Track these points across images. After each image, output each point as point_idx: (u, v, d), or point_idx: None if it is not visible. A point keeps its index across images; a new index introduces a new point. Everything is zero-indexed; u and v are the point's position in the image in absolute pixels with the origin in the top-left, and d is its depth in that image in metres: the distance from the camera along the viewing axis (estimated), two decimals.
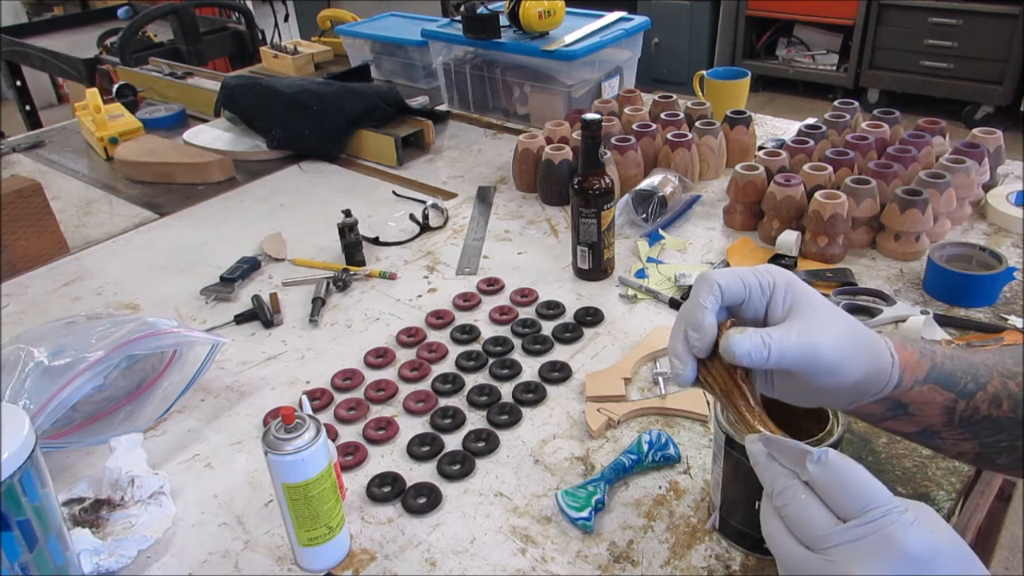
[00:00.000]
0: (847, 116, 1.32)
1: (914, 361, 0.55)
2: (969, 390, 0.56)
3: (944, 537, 0.43)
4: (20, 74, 2.74)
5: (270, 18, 2.95)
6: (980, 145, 1.17)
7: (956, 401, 0.56)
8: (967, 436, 0.57)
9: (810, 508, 0.44)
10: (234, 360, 0.96)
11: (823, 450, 0.45)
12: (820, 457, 0.45)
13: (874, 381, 0.54)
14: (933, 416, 0.56)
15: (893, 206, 1.05)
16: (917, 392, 0.55)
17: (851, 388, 0.54)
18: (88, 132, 1.61)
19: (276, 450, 0.62)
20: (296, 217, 1.30)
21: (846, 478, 0.44)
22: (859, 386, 0.54)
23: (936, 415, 0.56)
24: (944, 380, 0.56)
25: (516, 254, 1.16)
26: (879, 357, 0.54)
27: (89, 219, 1.35)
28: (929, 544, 0.42)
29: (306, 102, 1.48)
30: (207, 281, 1.11)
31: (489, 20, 1.54)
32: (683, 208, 1.23)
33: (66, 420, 0.81)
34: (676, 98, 1.47)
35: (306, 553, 0.67)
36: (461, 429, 0.82)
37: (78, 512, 0.72)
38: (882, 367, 0.54)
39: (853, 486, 0.44)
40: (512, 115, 1.67)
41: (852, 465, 0.45)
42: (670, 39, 4.30)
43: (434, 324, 1.00)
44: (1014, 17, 3.45)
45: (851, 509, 0.43)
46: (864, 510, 0.43)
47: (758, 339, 0.51)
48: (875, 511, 0.42)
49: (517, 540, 0.69)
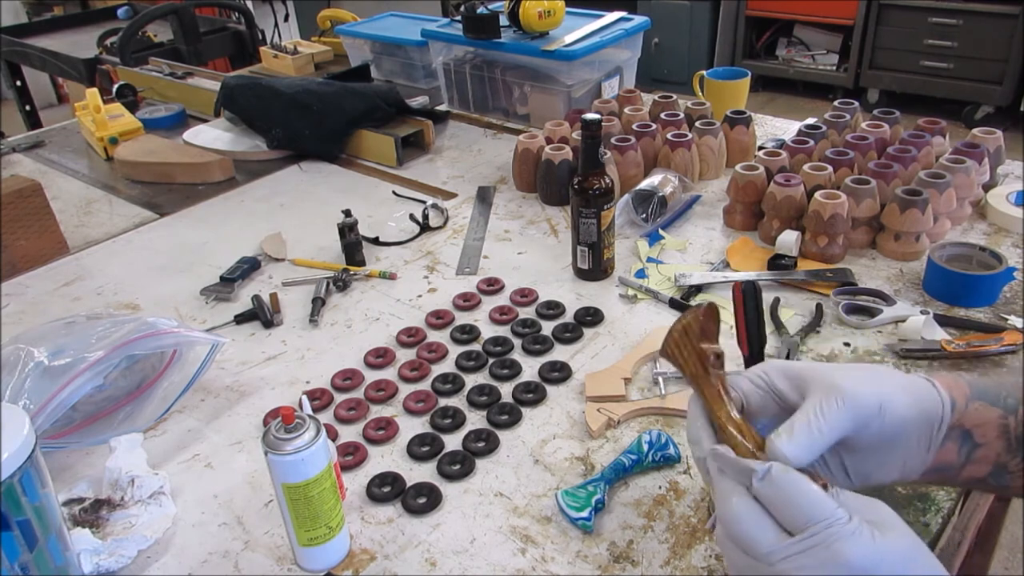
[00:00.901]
0: (847, 116, 1.32)
1: (952, 380, 0.54)
2: (1011, 405, 0.55)
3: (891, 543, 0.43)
4: (20, 74, 2.75)
5: (270, 18, 2.95)
6: (980, 145, 1.17)
7: (1006, 417, 0.54)
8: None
9: (757, 523, 0.45)
10: (234, 360, 0.96)
11: (766, 467, 0.45)
12: (764, 474, 0.45)
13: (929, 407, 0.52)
14: (994, 441, 0.54)
15: (893, 206, 1.05)
16: (974, 412, 0.54)
17: (915, 425, 0.52)
18: (88, 132, 1.61)
19: (276, 450, 0.62)
20: (296, 217, 1.30)
21: (791, 492, 0.44)
22: (919, 420, 0.52)
23: (996, 438, 0.54)
24: (987, 395, 0.55)
25: (516, 254, 1.16)
26: (914, 381, 0.53)
27: (89, 219, 1.35)
28: (871, 552, 0.42)
29: (306, 102, 1.48)
30: (207, 281, 1.11)
31: (489, 20, 1.54)
32: (683, 208, 1.23)
33: (66, 420, 0.81)
34: (676, 98, 1.47)
35: (306, 553, 0.67)
36: (461, 429, 0.82)
37: (78, 512, 0.72)
38: (925, 389, 0.53)
39: (797, 500, 0.44)
40: (512, 115, 1.67)
41: (797, 479, 0.45)
42: (670, 39, 4.30)
43: (434, 324, 1.00)
44: (1014, 17, 3.46)
45: (797, 523, 0.44)
46: (808, 523, 0.43)
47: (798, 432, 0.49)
48: (818, 524, 0.43)
49: (517, 540, 0.69)
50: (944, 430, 0.53)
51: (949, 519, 0.71)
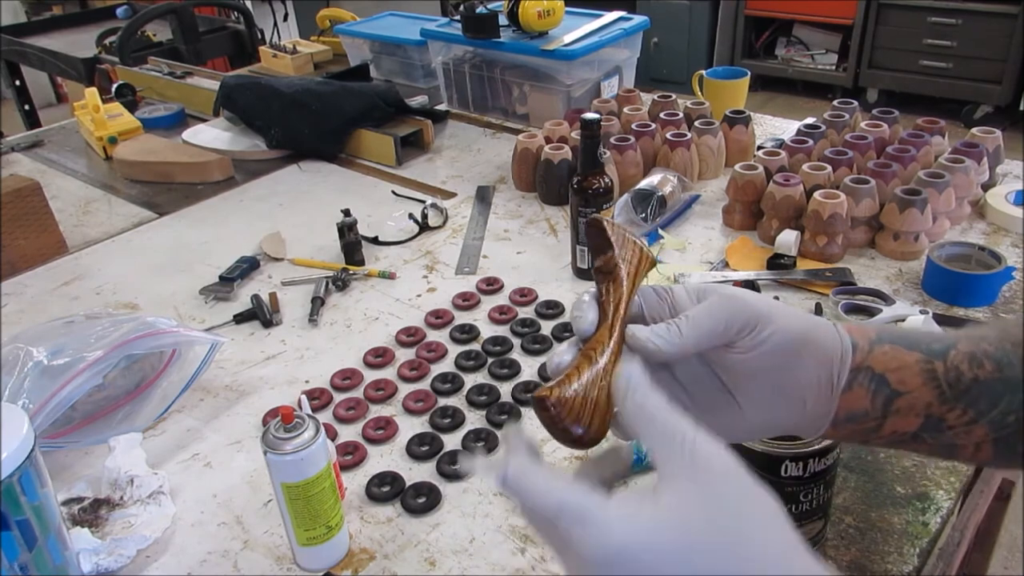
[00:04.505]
0: (846, 116, 1.32)
1: (852, 326, 0.51)
2: (936, 350, 0.51)
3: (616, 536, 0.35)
4: (19, 73, 2.74)
5: (269, 17, 2.94)
6: (979, 145, 1.18)
7: (931, 362, 0.50)
8: (970, 414, 0.50)
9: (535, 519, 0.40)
10: (233, 360, 0.96)
11: (503, 473, 0.41)
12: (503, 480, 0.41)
13: (825, 338, 0.49)
14: (920, 389, 0.50)
15: (892, 206, 1.05)
16: (882, 354, 0.50)
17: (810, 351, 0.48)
18: (87, 131, 1.61)
19: (275, 450, 0.62)
20: (295, 217, 1.30)
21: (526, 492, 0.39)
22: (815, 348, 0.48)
23: (921, 385, 0.50)
24: (900, 340, 0.51)
25: (515, 254, 1.16)
26: (811, 316, 0.50)
27: (88, 219, 1.35)
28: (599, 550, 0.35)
29: (305, 101, 1.48)
30: (206, 281, 1.11)
31: (488, 20, 1.54)
32: (682, 208, 1.23)
33: (65, 420, 0.81)
34: (675, 98, 1.47)
35: (305, 553, 0.67)
36: (460, 429, 0.82)
37: (77, 512, 0.72)
38: (821, 322, 0.49)
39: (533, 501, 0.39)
40: (511, 115, 1.67)
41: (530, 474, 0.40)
42: (669, 39, 4.30)
43: (433, 324, 1.00)
44: (1013, 17, 3.46)
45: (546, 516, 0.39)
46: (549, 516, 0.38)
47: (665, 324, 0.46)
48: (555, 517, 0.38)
49: (516, 540, 0.69)
50: (846, 369, 0.49)
51: (949, 519, 0.71)
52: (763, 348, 0.47)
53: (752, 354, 0.48)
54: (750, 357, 0.48)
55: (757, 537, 0.35)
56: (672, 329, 0.46)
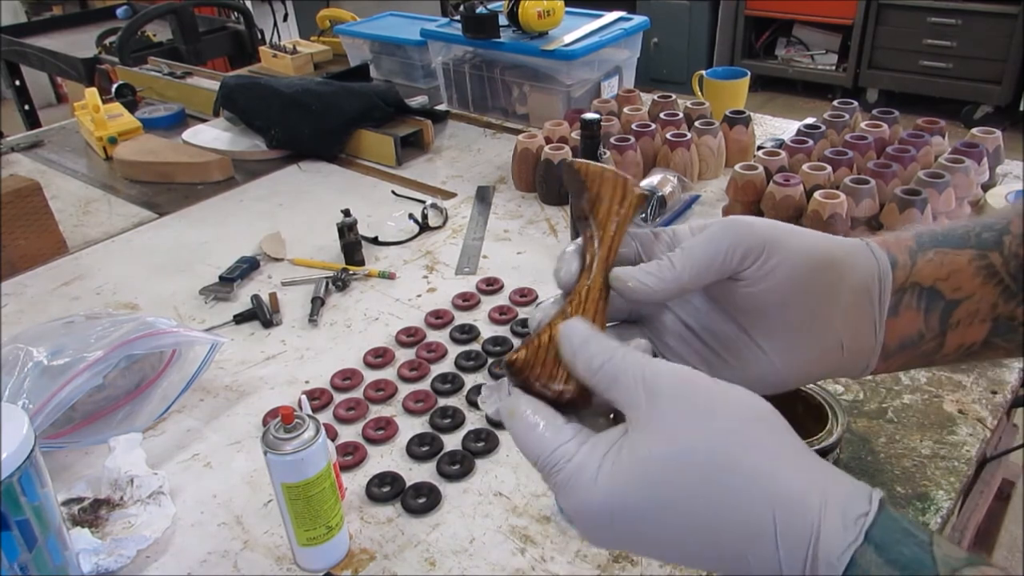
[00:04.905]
0: (846, 116, 1.32)
1: (887, 238, 0.44)
2: (988, 239, 0.43)
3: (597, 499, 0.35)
4: (19, 74, 2.74)
5: (269, 18, 2.94)
6: (979, 145, 1.18)
7: (985, 256, 0.43)
8: None
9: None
10: (233, 360, 0.96)
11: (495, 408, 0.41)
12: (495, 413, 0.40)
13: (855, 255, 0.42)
14: (979, 290, 0.42)
15: (892, 206, 1.05)
16: (926, 263, 0.43)
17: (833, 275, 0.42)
18: (87, 132, 1.61)
19: (275, 450, 0.62)
20: (295, 217, 1.30)
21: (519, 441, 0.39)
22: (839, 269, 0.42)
23: (980, 286, 0.42)
24: (945, 240, 0.44)
25: (515, 254, 1.16)
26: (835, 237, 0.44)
27: (88, 219, 1.34)
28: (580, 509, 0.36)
29: (305, 102, 1.48)
30: (206, 281, 1.11)
31: (488, 20, 1.54)
32: (682, 208, 1.23)
33: (65, 420, 0.81)
34: (675, 98, 1.47)
35: (305, 553, 0.67)
36: (460, 429, 0.82)
37: (77, 512, 0.72)
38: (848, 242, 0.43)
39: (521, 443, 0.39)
40: (511, 115, 1.67)
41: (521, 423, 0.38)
42: (669, 39, 4.30)
43: (433, 324, 1.00)
44: (1013, 17, 3.46)
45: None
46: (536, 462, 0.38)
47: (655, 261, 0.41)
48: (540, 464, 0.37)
49: (516, 540, 0.69)
50: (888, 292, 0.42)
51: (949, 519, 0.71)
52: (775, 278, 0.41)
53: (763, 286, 0.41)
54: (761, 291, 0.41)
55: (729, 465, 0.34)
56: (663, 264, 0.40)
